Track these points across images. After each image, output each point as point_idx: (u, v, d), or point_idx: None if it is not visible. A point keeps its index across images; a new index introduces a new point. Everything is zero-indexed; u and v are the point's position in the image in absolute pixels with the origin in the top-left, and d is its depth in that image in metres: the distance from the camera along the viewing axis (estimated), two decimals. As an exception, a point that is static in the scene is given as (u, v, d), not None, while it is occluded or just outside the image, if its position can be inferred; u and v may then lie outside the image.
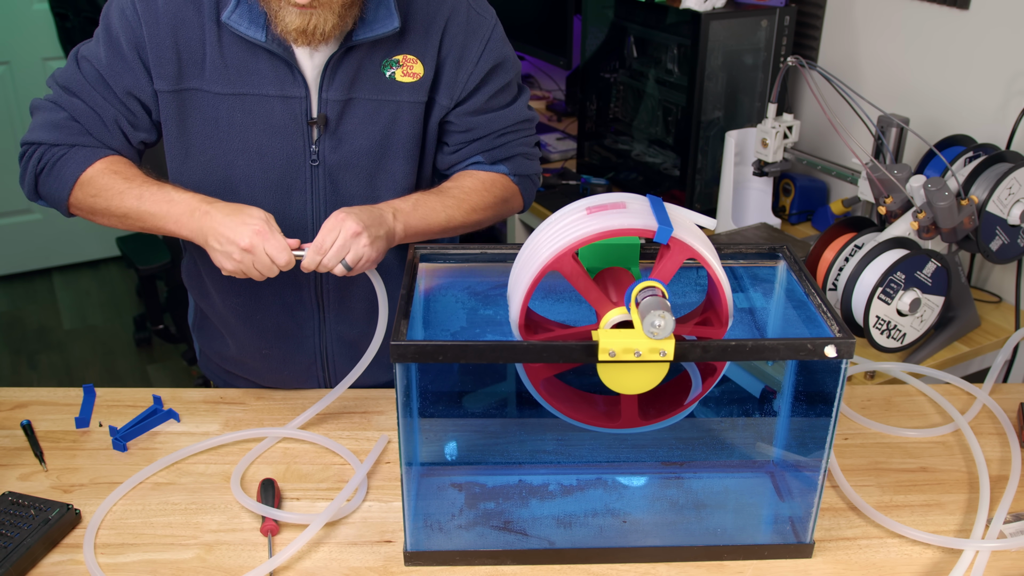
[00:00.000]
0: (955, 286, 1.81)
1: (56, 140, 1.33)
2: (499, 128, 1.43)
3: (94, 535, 1.16)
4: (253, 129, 1.33)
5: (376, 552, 1.15)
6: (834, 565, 1.14)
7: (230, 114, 1.32)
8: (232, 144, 1.33)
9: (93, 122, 1.33)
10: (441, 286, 1.26)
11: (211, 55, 1.30)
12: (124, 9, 1.30)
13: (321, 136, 1.34)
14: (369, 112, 1.34)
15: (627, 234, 1.02)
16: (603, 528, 1.18)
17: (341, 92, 1.32)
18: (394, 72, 1.33)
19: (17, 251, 3.71)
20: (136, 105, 1.34)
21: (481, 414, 1.25)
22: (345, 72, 1.32)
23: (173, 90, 1.31)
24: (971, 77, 2.08)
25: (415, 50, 1.34)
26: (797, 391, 1.21)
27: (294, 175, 1.36)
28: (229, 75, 1.30)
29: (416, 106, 1.36)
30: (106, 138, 1.34)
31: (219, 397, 1.46)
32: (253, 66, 1.30)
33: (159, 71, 1.30)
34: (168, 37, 1.29)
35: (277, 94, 1.31)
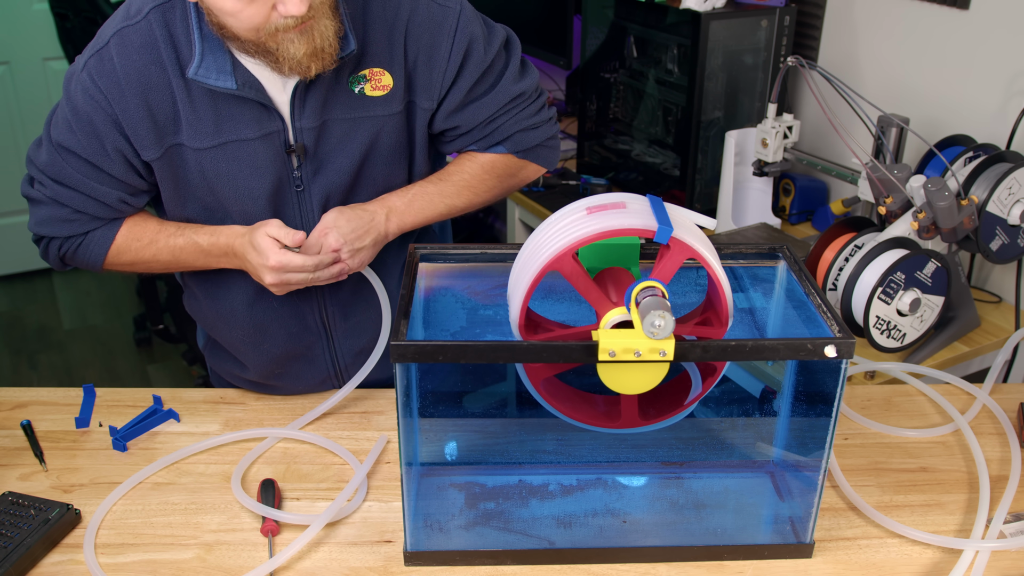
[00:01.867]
0: (955, 286, 1.81)
1: (70, 232, 1.38)
2: (485, 118, 1.39)
3: (94, 535, 1.16)
4: (241, 175, 1.31)
5: (376, 552, 1.15)
6: (834, 565, 1.14)
7: (215, 165, 1.30)
8: (223, 192, 1.32)
9: (99, 209, 1.35)
10: (441, 286, 1.26)
11: (184, 112, 1.27)
12: (87, 89, 1.26)
13: (302, 163, 1.32)
14: (345, 132, 1.32)
15: (627, 234, 1.02)
16: (603, 528, 1.18)
17: (314, 119, 1.29)
18: (363, 87, 1.30)
19: (17, 251, 3.71)
20: (133, 177, 1.33)
21: (481, 414, 1.25)
22: (314, 97, 1.29)
23: (159, 156, 1.29)
24: (971, 77, 2.08)
25: (380, 62, 1.30)
26: (797, 391, 1.21)
27: (283, 204, 1.35)
28: (206, 128, 1.27)
29: (392, 118, 1.33)
30: (115, 216, 1.37)
31: (219, 397, 1.46)
32: (227, 113, 1.28)
33: (140, 143, 1.28)
34: (139, 105, 1.26)
35: (257, 135, 1.29)
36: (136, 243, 1.36)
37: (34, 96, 3.47)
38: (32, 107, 3.47)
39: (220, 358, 1.53)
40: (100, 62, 1.25)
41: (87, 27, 3.07)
